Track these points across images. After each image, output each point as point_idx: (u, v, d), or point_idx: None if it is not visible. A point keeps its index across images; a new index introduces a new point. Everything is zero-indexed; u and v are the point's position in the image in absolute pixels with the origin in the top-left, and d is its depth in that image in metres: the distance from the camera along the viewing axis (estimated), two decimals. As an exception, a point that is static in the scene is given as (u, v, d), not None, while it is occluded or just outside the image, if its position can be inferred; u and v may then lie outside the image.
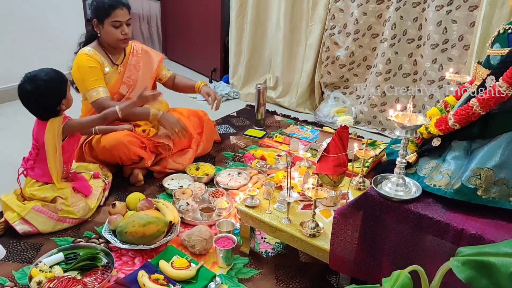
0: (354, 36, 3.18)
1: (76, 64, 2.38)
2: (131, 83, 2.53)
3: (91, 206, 2.14)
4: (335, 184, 1.74)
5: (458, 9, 2.69)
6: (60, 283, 1.64)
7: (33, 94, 1.96)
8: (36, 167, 2.07)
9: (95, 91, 2.34)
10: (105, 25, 2.37)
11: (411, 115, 1.37)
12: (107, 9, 2.35)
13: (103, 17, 2.36)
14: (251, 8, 3.58)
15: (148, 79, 2.62)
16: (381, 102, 3.16)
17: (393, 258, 1.47)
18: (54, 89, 1.99)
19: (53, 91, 1.99)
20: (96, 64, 2.38)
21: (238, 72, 3.85)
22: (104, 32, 2.39)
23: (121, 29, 2.39)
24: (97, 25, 2.40)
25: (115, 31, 2.38)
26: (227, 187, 2.38)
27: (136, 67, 2.57)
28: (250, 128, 3.15)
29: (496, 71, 1.41)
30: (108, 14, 2.35)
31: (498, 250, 0.90)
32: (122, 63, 2.53)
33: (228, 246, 1.84)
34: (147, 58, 2.63)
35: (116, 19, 2.36)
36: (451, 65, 2.70)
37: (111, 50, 2.48)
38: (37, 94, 1.96)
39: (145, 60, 2.62)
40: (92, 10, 2.41)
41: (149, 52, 2.66)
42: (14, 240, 1.95)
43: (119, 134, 2.32)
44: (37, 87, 1.95)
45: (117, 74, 2.50)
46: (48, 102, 1.99)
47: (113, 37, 2.40)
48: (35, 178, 2.06)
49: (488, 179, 1.35)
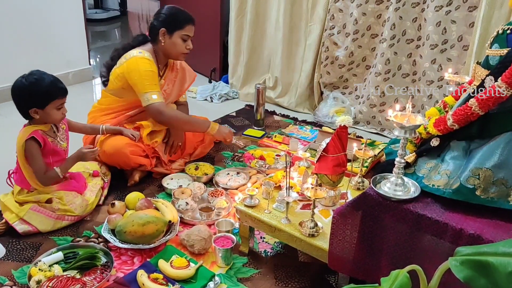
0: (353, 36, 3.18)
1: (135, 65, 2.34)
2: (165, 96, 2.55)
3: (88, 201, 2.13)
4: (334, 184, 1.75)
5: (457, 10, 2.69)
6: (59, 282, 1.64)
7: (14, 86, 1.95)
8: (17, 173, 2.05)
9: (154, 93, 2.35)
10: (174, 36, 2.40)
11: (410, 115, 1.37)
12: (182, 22, 2.41)
13: (176, 28, 2.40)
14: (250, 8, 3.58)
15: (176, 96, 2.68)
16: (380, 102, 3.16)
17: (391, 257, 1.47)
18: (30, 93, 1.93)
19: (29, 94, 1.93)
20: (155, 70, 2.40)
21: (237, 72, 3.85)
22: (171, 42, 2.42)
23: (186, 43, 2.45)
24: (164, 34, 2.41)
25: (182, 44, 2.43)
26: (226, 187, 2.39)
27: (172, 81, 2.61)
28: (249, 128, 3.16)
29: (495, 71, 1.42)
30: (181, 27, 2.40)
31: (497, 250, 0.90)
32: (163, 76, 2.56)
33: (227, 245, 1.84)
34: (182, 75, 2.68)
35: (187, 33, 2.43)
36: (450, 66, 2.70)
37: (161, 60, 2.50)
38: (16, 89, 1.95)
39: (180, 77, 2.66)
40: (162, 20, 2.41)
41: (185, 69, 2.69)
42: (14, 239, 1.95)
43: (121, 142, 2.32)
44: (19, 83, 1.94)
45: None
46: (20, 101, 1.96)
47: (178, 49, 2.44)
48: (16, 184, 2.04)
49: (487, 179, 1.36)
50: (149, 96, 2.34)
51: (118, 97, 2.47)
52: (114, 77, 2.42)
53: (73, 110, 2.63)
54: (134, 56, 2.36)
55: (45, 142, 2.00)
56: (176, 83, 2.63)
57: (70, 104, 2.77)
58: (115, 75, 2.42)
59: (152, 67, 2.37)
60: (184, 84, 2.70)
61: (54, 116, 2.00)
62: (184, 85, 2.70)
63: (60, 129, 2.12)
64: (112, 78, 2.44)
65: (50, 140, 2.03)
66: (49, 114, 1.97)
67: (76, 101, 2.76)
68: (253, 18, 3.60)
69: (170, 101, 2.63)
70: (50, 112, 1.97)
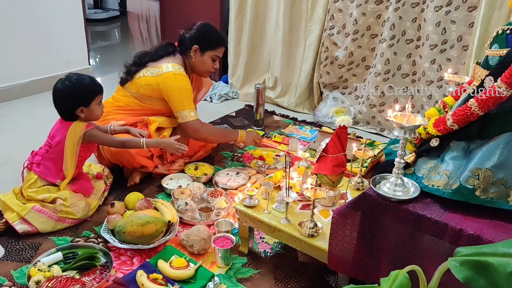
0: (353, 37, 3.18)
1: (175, 82, 2.37)
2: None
3: (91, 205, 2.14)
4: (333, 184, 1.75)
5: (457, 10, 2.69)
6: (58, 283, 1.64)
7: (57, 91, 2.03)
8: (43, 164, 2.07)
9: (192, 111, 2.41)
10: (205, 55, 2.46)
11: (410, 115, 1.37)
12: (215, 43, 2.47)
13: (208, 47, 2.45)
14: (250, 8, 3.58)
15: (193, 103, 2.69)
16: (380, 103, 3.16)
17: (391, 258, 1.47)
18: (75, 93, 2.02)
19: (73, 95, 2.02)
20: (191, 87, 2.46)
21: (237, 72, 3.85)
22: (200, 60, 2.47)
23: (215, 63, 2.51)
24: (195, 51, 2.45)
25: (210, 63, 2.49)
26: (225, 187, 2.38)
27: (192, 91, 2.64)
28: (249, 128, 3.15)
29: (494, 71, 1.42)
30: (214, 47, 2.46)
31: (496, 250, 0.90)
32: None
33: (226, 246, 1.84)
34: (200, 83, 2.72)
35: (217, 54, 2.49)
36: (450, 66, 2.70)
37: (188, 73, 2.52)
38: (60, 92, 2.03)
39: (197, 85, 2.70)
40: (196, 36, 2.45)
41: (201, 78, 2.71)
42: (13, 239, 1.94)
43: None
44: (63, 86, 2.03)
45: None
46: (66, 103, 2.04)
47: (206, 67, 2.50)
48: (39, 175, 2.06)
49: (487, 180, 1.36)
50: (187, 114, 2.39)
51: (141, 102, 2.47)
52: (145, 84, 2.41)
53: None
54: (171, 72, 2.38)
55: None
56: (194, 92, 2.64)
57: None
58: (145, 82, 2.41)
59: (189, 84, 2.42)
60: (200, 91, 2.75)
61: (97, 112, 2.11)
62: (201, 92, 2.75)
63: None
64: (140, 83, 2.42)
65: None
66: (93, 110, 2.08)
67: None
68: (253, 18, 3.60)
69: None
70: (94, 108, 2.08)
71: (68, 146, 2.05)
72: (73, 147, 2.05)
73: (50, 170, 2.07)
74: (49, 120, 2.16)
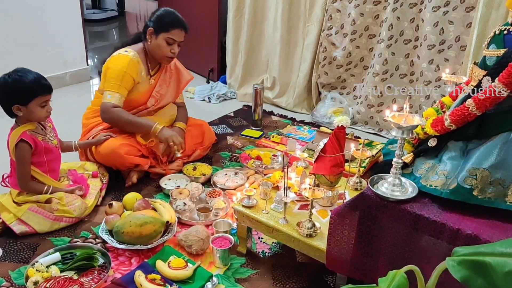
0: (351, 37, 3.19)
1: (114, 62, 2.33)
2: (158, 98, 2.54)
3: (87, 204, 2.13)
4: (332, 184, 1.75)
5: (454, 10, 2.70)
6: (56, 283, 1.64)
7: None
8: (13, 176, 2.03)
9: (111, 94, 2.31)
10: (159, 37, 2.38)
11: (408, 115, 1.37)
12: (168, 25, 2.37)
13: (161, 30, 2.37)
14: (248, 9, 3.58)
15: (172, 97, 2.66)
16: (378, 103, 3.17)
17: (389, 258, 1.47)
18: (12, 89, 1.91)
19: (10, 91, 1.91)
20: (133, 72, 2.35)
21: (235, 72, 3.85)
22: (156, 43, 2.39)
23: (171, 47, 2.41)
24: (151, 34, 2.40)
25: (166, 47, 2.39)
26: (224, 187, 2.38)
27: (166, 83, 2.58)
28: (247, 128, 3.16)
29: (492, 71, 1.42)
30: (167, 29, 2.37)
31: (494, 250, 0.90)
32: (155, 74, 2.53)
33: (225, 246, 1.84)
34: (177, 76, 2.66)
35: (173, 37, 2.39)
36: (448, 66, 2.71)
37: (152, 60, 2.48)
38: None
39: (175, 78, 2.64)
40: (152, 20, 2.41)
41: (181, 70, 2.67)
42: (11, 240, 1.94)
43: (115, 142, 2.32)
44: (2, 80, 1.92)
45: (148, 85, 2.49)
46: (1, 98, 1.95)
47: (162, 51, 2.41)
48: (13, 187, 2.03)
49: (484, 179, 1.36)
50: (106, 95, 2.32)
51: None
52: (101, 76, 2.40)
53: (70, 111, 2.63)
54: (117, 54, 2.36)
55: (35, 142, 1.99)
56: (171, 84, 2.62)
57: (67, 105, 2.78)
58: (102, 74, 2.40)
59: (127, 68, 2.31)
60: (179, 85, 2.68)
61: (38, 114, 1.98)
62: (180, 85, 2.68)
63: (47, 127, 2.11)
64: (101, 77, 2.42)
65: (41, 139, 2.02)
66: (33, 111, 1.95)
67: (73, 102, 2.76)
68: (251, 18, 3.60)
69: (166, 103, 2.61)
70: (34, 109, 1.95)
71: (11, 156, 1.98)
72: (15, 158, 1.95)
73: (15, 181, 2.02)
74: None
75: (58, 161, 2.17)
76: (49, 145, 2.07)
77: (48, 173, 2.09)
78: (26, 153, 1.97)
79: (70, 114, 2.60)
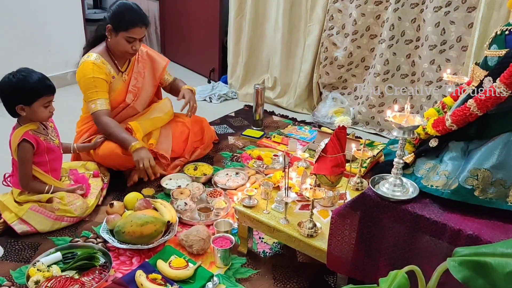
0: (352, 37, 3.18)
1: (81, 72, 2.30)
2: (136, 91, 2.50)
3: (88, 204, 2.13)
4: (333, 184, 1.75)
5: (456, 10, 2.70)
6: (57, 283, 1.64)
7: (0, 83, 1.94)
8: (15, 176, 2.04)
9: (94, 103, 2.29)
10: (118, 36, 2.30)
11: (409, 115, 1.37)
12: (127, 25, 2.28)
13: (121, 28, 2.28)
14: (249, 9, 3.58)
15: (151, 86, 2.60)
16: (379, 103, 3.16)
17: (390, 258, 1.47)
18: (17, 89, 1.92)
19: (14, 91, 1.92)
20: (102, 74, 2.30)
21: (236, 73, 3.85)
22: (115, 41, 2.32)
23: (132, 44, 2.33)
24: (110, 31, 2.32)
25: (126, 45, 2.32)
26: (225, 187, 2.38)
27: (141, 74, 2.52)
28: (248, 128, 3.16)
29: (493, 72, 1.42)
30: (126, 29, 2.28)
31: (495, 251, 0.90)
32: (127, 70, 2.47)
33: (225, 246, 1.84)
34: (152, 64, 2.57)
35: (132, 36, 2.30)
36: (449, 66, 2.71)
37: (117, 55, 2.41)
38: (2, 84, 1.94)
39: (150, 67, 2.57)
40: (110, 16, 2.31)
41: (154, 57, 2.59)
42: (12, 239, 1.94)
43: (113, 143, 2.31)
44: (5, 79, 1.93)
45: (121, 82, 2.44)
46: (5, 98, 1.96)
47: (122, 48, 2.33)
48: (14, 187, 2.04)
49: (485, 180, 1.36)
50: (90, 106, 2.30)
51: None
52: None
53: (71, 110, 2.63)
54: (81, 63, 2.32)
55: (37, 142, 2.00)
56: (147, 74, 2.54)
57: (68, 104, 2.78)
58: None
59: (95, 73, 2.28)
60: (156, 73, 2.59)
61: (41, 114, 1.99)
62: (157, 73, 2.59)
63: (48, 127, 2.11)
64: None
65: (43, 139, 2.03)
66: (36, 111, 1.96)
67: (74, 101, 2.75)
68: (252, 18, 3.60)
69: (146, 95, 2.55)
70: (37, 109, 1.96)
71: (14, 156, 1.99)
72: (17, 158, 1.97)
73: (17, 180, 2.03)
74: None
75: (60, 160, 2.18)
76: (51, 145, 2.07)
77: (50, 173, 2.09)
78: (28, 152, 1.97)
79: (71, 113, 2.60)
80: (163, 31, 4.73)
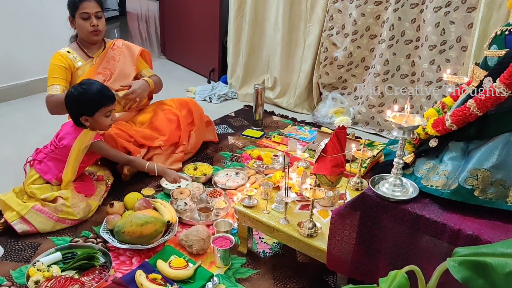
0: (352, 37, 3.18)
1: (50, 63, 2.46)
2: (108, 73, 2.55)
3: (91, 206, 2.14)
4: (332, 184, 1.75)
5: (456, 11, 2.70)
6: (57, 283, 1.64)
7: (66, 97, 2.11)
8: (45, 163, 2.10)
9: (50, 88, 2.40)
10: (76, 19, 2.44)
11: (409, 116, 1.37)
12: (76, 2, 2.42)
13: (73, 11, 2.43)
14: (249, 9, 3.58)
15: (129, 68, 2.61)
16: (379, 103, 3.17)
17: (390, 258, 1.47)
18: (79, 103, 2.06)
19: (77, 104, 2.07)
20: (64, 63, 2.43)
21: (236, 73, 3.85)
22: (77, 26, 2.46)
23: (90, 21, 2.43)
24: (72, 22, 2.48)
25: (84, 23, 2.43)
26: (225, 187, 2.39)
27: (114, 59, 2.59)
28: (248, 128, 3.16)
29: (493, 72, 1.42)
30: (76, 7, 2.41)
31: (495, 251, 0.90)
32: (98, 56, 2.56)
33: (225, 246, 1.84)
34: (128, 51, 2.66)
35: (84, 11, 2.41)
36: (449, 66, 2.71)
37: (88, 45, 2.53)
38: (67, 99, 2.10)
39: (126, 53, 2.64)
40: (67, 8, 2.47)
41: (130, 45, 2.69)
42: (12, 239, 1.94)
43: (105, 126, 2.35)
44: (69, 94, 2.10)
45: (89, 66, 2.51)
46: (71, 110, 2.12)
47: (84, 30, 2.45)
48: (38, 172, 2.09)
49: (485, 180, 1.36)
50: (47, 91, 2.40)
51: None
52: None
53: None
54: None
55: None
56: (122, 59, 2.59)
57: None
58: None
59: (58, 61, 2.42)
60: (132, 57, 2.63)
61: (103, 123, 2.13)
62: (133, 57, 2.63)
63: None
64: None
65: None
66: (98, 121, 2.10)
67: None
68: (252, 18, 3.60)
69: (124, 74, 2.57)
70: (99, 119, 2.10)
71: (74, 152, 2.07)
72: (78, 154, 2.08)
73: (50, 169, 2.09)
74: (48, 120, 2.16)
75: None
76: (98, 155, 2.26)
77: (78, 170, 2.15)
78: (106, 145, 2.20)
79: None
80: (163, 31, 4.73)
